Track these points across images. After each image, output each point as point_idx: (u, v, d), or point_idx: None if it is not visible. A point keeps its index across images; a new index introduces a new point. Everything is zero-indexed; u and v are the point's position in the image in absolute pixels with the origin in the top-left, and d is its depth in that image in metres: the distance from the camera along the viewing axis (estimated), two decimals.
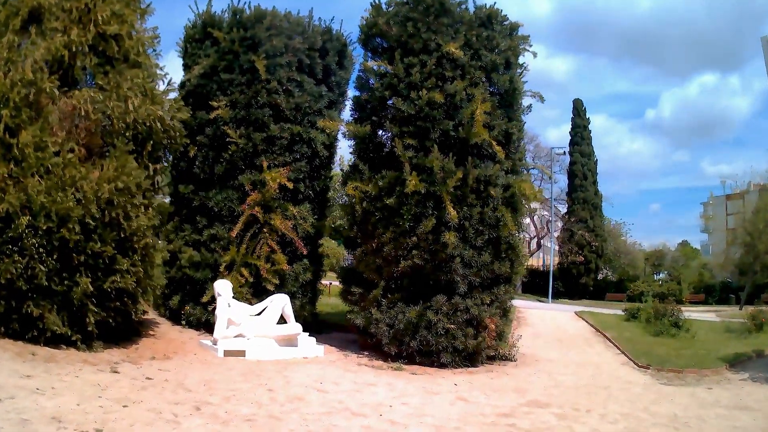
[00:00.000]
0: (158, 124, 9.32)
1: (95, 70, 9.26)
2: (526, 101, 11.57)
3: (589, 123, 39.93)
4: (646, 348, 13.35)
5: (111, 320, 8.60)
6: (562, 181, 40.65)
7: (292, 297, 11.38)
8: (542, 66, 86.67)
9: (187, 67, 12.48)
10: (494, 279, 10.47)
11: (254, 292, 11.10)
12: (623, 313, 19.77)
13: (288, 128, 11.65)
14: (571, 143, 39.09)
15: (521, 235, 11.81)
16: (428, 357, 10.08)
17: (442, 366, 10.02)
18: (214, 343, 9.75)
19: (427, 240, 9.91)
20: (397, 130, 10.35)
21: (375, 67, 10.90)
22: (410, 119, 10.27)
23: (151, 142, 9.33)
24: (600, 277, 40.48)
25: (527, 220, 42.85)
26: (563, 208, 41.28)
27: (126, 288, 8.60)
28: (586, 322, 19.00)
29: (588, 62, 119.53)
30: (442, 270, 10.03)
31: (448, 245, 9.73)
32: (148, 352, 9.03)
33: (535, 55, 11.36)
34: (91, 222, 8.04)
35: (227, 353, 9.54)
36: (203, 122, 11.75)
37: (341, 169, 19.36)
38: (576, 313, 21.63)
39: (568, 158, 39.25)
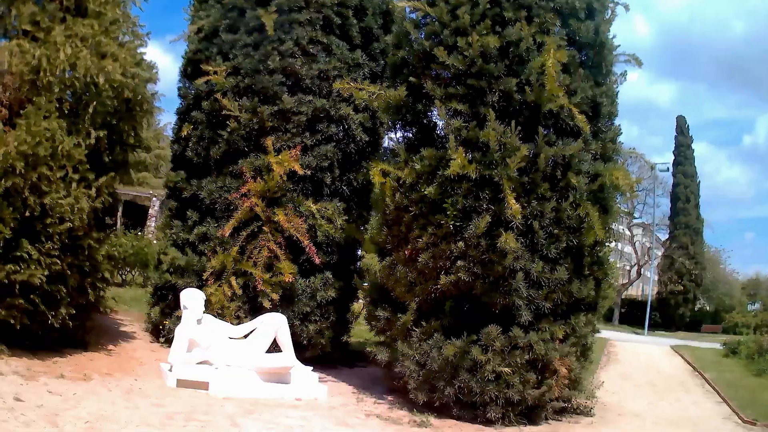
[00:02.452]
0: (105, 83, 7.07)
1: (30, 18, 7.26)
2: (618, 68, 8.48)
3: (692, 141, 37.80)
4: (750, 394, 11.47)
5: (13, 321, 6.55)
6: (664, 204, 38.37)
7: (305, 319, 9.00)
8: (647, 92, 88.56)
9: None
10: (572, 305, 7.67)
11: (250, 308, 8.66)
12: (722, 348, 18.33)
13: (309, 101, 9.20)
14: (675, 164, 36.87)
15: (612, 246, 8.86)
16: (469, 410, 7.37)
17: (488, 422, 7.29)
18: (170, 369, 7.35)
19: (478, 247, 7.20)
20: (441, 92, 7.67)
21: (408, 9, 8.27)
22: (458, 77, 7.65)
23: (95, 103, 7.16)
24: (697, 307, 38.06)
25: (627, 247, 40.57)
26: (662, 235, 39.32)
27: (31, 282, 6.50)
28: (683, 358, 17.14)
29: (689, 88, 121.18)
30: (498, 290, 7.26)
31: (507, 254, 6.99)
32: (74, 368, 6.97)
33: (627, 8, 8.65)
34: None
35: (181, 383, 7.12)
36: (201, 94, 9.47)
37: None
38: (672, 347, 20.11)
39: (670, 179, 36.93)
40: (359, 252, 10.70)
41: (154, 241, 14.50)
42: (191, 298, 7.76)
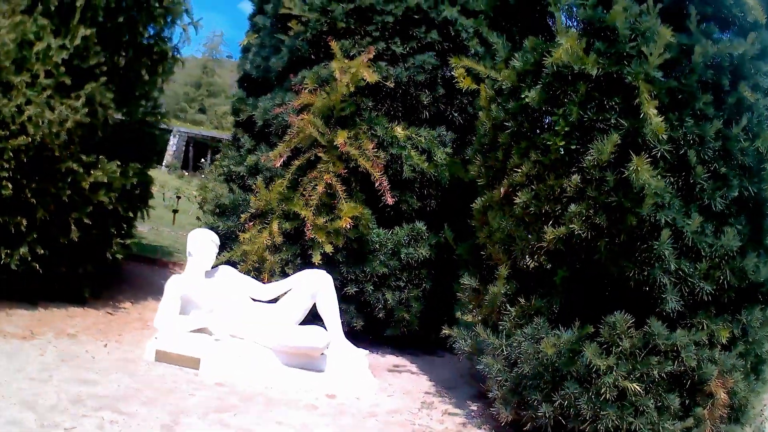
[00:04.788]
0: None
1: None
2: None
3: None
4: None
5: None
6: None
7: (381, 284, 6.79)
8: None
9: None
10: (743, 291, 4.57)
11: (302, 264, 6.58)
12: None
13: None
14: None
15: None
16: None
17: None
18: (157, 336, 5.58)
19: (601, 183, 4.50)
20: None
21: None
22: None
23: None
24: None
25: None
26: None
27: None
28: None
29: None
30: (632, 256, 4.49)
31: (645, 196, 4.35)
32: (34, 323, 5.69)
33: None
34: None
35: (162, 357, 5.34)
36: None
37: None
38: None
39: None
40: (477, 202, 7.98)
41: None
42: (198, 242, 5.89)
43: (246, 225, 6.63)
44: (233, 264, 6.54)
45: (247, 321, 5.68)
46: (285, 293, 5.97)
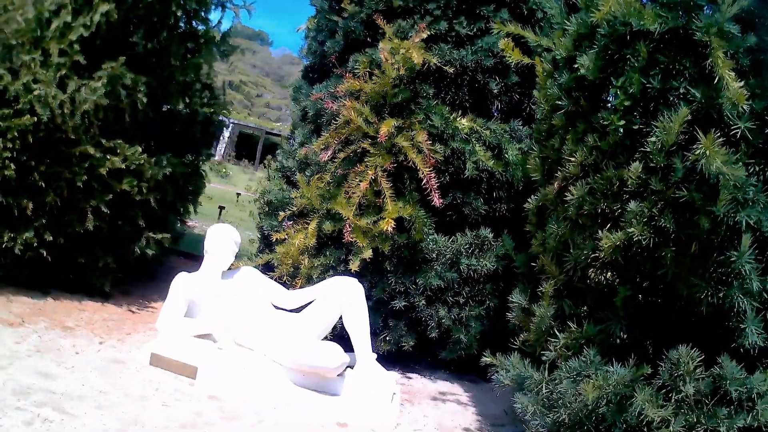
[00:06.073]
0: None
1: None
2: None
3: None
4: None
5: None
6: None
7: (435, 298, 5.89)
8: None
9: None
10: None
11: (348, 272, 5.64)
12: None
13: None
14: None
15: None
16: None
17: None
18: None
19: (668, 173, 3.43)
20: None
21: None
22: None
23: None
24: None
25: None
26: None
27: None
28: None
29: None
30: (704, 272, 3.36)
31: (719, 189, 3.20)
32: (34, 312, 5.38)
33: None
34: None
35: (157, 361, 4.81)
36: None
37: None
38: None
39: None
40: None
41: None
42: (216, 239, 5.33)
43: (285, 225, 6.02)
44: (271, 268, 5.95)
45: (261, 331, 5.03)
46: (311, 302, 5.27)
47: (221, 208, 14.35)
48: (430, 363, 6.22)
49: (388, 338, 5.91)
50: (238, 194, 18.38)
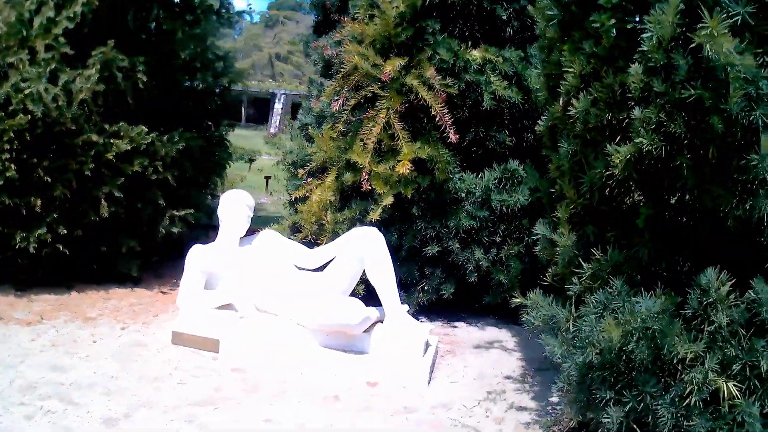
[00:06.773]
0: None
1: None
2: None
3: None
4: None
5: None
6: None
7: (470, 239, 5.59)
8: None
9: None
10: None
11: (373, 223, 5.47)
12: None
13: None
14: None
15: None
16: None
17: None
18: None
19: (671, 73, 2.93)
20: None
21: None
22: None
23: None
24: None
25: None
26: None
27: None
28: None
29: None
30: (727, 180, 2.95)
31: (728, 85, 2.69)
32: (57, 307, 5.44)
33: None
34: None
35: (178, 339, 4.75)
36: None
37: None
38: None
39: None
40: None
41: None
42: (228, 206, 5.17)
43: (305, 181, 5.78)
44: (298, 229, 5.75)
45: (284, 294, 4.87)
46: (333, 259, 5.04)
47: (267, 178, 14.24)
48: (476, 310, 5.93)
49: (426, 288, 5.66)
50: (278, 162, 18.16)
